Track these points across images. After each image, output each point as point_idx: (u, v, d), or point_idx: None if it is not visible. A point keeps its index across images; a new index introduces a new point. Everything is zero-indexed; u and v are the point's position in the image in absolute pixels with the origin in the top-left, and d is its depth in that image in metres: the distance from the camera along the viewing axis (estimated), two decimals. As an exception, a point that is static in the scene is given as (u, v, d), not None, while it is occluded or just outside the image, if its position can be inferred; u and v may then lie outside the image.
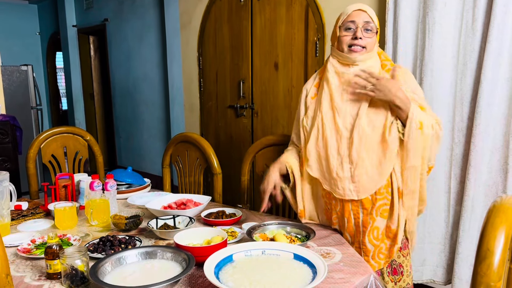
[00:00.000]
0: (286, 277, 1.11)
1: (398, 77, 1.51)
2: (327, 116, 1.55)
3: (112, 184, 1.84)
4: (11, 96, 4.93)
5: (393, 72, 1.53)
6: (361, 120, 1.48)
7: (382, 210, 1.53)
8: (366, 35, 1.51)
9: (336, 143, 1.53)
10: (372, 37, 1.52)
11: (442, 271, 2.42)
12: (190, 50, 4.18)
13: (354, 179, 1.51)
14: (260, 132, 3.61)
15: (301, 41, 3.18)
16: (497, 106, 2.10)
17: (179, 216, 1.61)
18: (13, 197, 1.78)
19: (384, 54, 1.61)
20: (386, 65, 1.57)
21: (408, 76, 1.56)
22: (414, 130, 1.44)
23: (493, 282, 0.69)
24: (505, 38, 2.04)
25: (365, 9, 1.51)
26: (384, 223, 1.54)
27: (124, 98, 5.53)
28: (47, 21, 6.93)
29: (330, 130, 1.54)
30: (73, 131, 2.53)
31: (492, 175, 2.17)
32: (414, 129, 1.44)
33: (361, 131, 1.48)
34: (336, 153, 1.53)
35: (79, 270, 1.17)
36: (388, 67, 1.57)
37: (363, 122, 1.48)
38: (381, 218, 1.54)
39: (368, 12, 1.51)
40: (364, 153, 1.48)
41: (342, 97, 1.53)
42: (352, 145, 1.49)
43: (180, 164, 2.39)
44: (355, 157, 1.49)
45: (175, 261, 1.22)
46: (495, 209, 0.75)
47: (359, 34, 1.50)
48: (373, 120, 1.48)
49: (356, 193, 1.52)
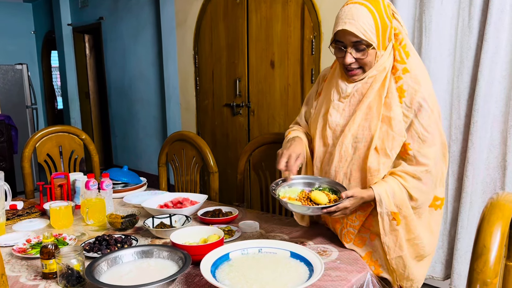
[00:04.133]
0: (283, 275, 1.11)
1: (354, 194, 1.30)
2: (319, 126, 1.45)
3: (108, 183, 1.83)
4: (6, 95, 4.91)
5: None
6: (346, 139, 1.35)
7: (349, 237, 1.41)
8: (359, 55, 1.29)
9: (322, 154, 1.44)
10: (366, 56, 1.29)
11: (441, 267, 2.44)
12: (186, 49, 4.17)
13: None
14: (256, 130, 3.61)
15: (297, 39, 3.18)
16: (494, 103, 2.12)
17: (176, 215, 1.60)
18: (8, 196, 1.77)
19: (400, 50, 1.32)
20: (397, 69, 1.32)
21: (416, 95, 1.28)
22: (387, 224, 1.31)
23: (490, 279, 0.69)
24: (502, 36, 2.05)
25: (351, 29, 1.25)
26: (363, 251, 1.42)
27: (119, 97, 5.51)
28: (42, 20, 6.89)
29: (319, 139, 1.45)
30: (69, 130, 2.52)
31: (490, 172, 2.19)
32: (387, 223, 1.31)
33: (344, 150, 1.35)
34: (320, 164, 1.45)
35: (74, 270, 1.16)
36: (398, 74, 1.31)
37: (347, 141, 1.35)
38: (351, 244, 1.42)
39: (355, 30, 1.25)
40: (341, 173, 1.37)
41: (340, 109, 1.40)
42: (332, 162, 1.38)
43: (176, 163, 2.38)
44: (333, 174, 1.39)
45: (171, 260, 1.22)
46: (491, 206, 0.75)
47: (348, 60, 1.30)
48: (359, 139, 1.33)
49: None
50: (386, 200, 1.29)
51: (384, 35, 1.29)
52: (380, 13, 1.26)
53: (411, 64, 1.31)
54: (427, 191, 1.34)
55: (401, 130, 1.29)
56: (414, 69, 1.31)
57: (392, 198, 1.29)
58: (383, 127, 1.30)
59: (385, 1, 1.30)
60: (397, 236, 1.33)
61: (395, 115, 1.29)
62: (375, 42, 1.27)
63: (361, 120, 1.34)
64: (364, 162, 1.33)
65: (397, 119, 1.29)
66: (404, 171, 1.31)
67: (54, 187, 1.95)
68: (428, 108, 1.29)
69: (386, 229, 1.32)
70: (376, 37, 1.27)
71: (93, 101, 6.36)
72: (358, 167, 1.35)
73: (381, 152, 1.31)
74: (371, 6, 1.26)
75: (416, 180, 1.31)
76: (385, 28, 1.29)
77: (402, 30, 1.34)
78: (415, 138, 1.30)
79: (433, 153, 1.31)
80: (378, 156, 1.31)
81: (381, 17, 1.27)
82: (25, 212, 1.84)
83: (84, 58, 6.23)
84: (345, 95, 1.38)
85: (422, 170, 1.30)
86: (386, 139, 1.30)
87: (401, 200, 1.31)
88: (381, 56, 1.31)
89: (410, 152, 1.30)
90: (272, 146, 2.01)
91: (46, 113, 7.32)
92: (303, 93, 3.21)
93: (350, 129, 1.35)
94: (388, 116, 1.30)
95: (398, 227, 1.32)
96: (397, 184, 1.30)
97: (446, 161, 1.37)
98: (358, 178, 1.36)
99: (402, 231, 1.34)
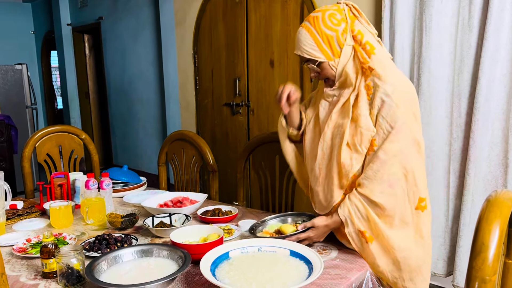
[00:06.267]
0: (282, 274, 1.11)
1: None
2: (310, 126, 1.50)
3: (107, 182, 1.83)
4: (6, 95, 4.91)
5: None
6: (326, 136, 1.40)
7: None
8: (316, 69, 1.39)
9: (311, 152, 1.48)
10: (322, 70, 1.37)
11: (443, 263, 2.45)
12: (186, 48, 4.17)
13: (316, 194, 1.46)
14: (256, 129, 3.61)
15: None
16: (495, 101, 2.12)
17: (175, 214, 1.61)
18: (8, 196, 1.77)
19: (361, 52, 1.32)
20: (365, 68, 1.33)
21: (379, 91, 1.29)
22: (358, 243, 1.32)
23: (488, 276, 0.69)
24: (502, 34, 2.05)
25: (298, 53, 1.38)
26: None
27: (119, 97, 5.51)
28: (41, 20, 6.89)
29: (309, 140, 1.49)
30: (68, 130, 2.52)
31: (492, 170, 2.20)
32: (357, 242, 1.32)
33: (325, 146, 1.40)
34: (309, 163, 1.49)
35: (74, 269, 1.16)
36: (366, 73, 1.33)
37: (327, 137, 1.40)
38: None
39: (301, 53, 1.37)
40: (324, 169, 1.41)
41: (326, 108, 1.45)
42: (316, 159, 1.43)
43: (176, 162, 2.39)
44: (317, 172, 1.43)
45: (171, 259, 1.22)
46: (489, 203, 0.75)
47: (311, 75, 1.42)
48: (334, 136, 1.38)
49: (318, 209, 1.48)
50: (352, 219, 1.31)
51: (331, 45, 1.33)
52: (318, 28, 1.33)
53: (373, 62, 1.32)
54: (395, 194, 1.29)
55: (368, 125, 1.31)
56: (377, 67, 1.32)
57: (357, 215, 1.31)
58: (352, 123, 1.34)
59: (326, 13, 1.34)
60: (373, 255, 1.32)
61: (361, 111, 1.32)
62: (321, 57, 1.35)
63: (336, 118, 1.39)
64: (335, 158, 1.37)
65: (363, 115, 1.32)
66: (362, 177, 1.32)
67: (54, 187, 1.95)
68: (393, 103, 1.28)
69: (359, 248, 1.33)
70: (320, 52, 1.34)
71: (92, 101, 6.36)
72: (331, 164, 1.39)
73: (352, 148, 1.34)
74: (309, 25, 1.35)
75: (377, 181, 1.28)
76: (327, 39, 1.33)
77: (363, 29, 1.35)
78: (380, 134, 1.30)
79: (396, 149, 1.28)
80: (350, 151, 1.34)
81: (319, 32, 1.33)
82: (25, 212, 1.84)
83: (84, 58, 6.23)
84: (327, 94, 1.44)
85: (379, 166, 1.28)
86: (355, 134, 1.33)
87: (365, 215, 1.30)
88: (338, 62, 1.35)
89: (375, 148, 1.31)
90: (271, 145, 2.01)
91: (46, 113, 7.32)
92: (302, 92, 3.21)
93: (329, 127, 1.40)
94: (356, 113, 1.34)
95: (371, 246, 1.31)
96: (358, 200, 1.31)
97: (421, 158, 1.33)
98: (337, 173, 1.37)
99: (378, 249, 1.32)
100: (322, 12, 1.34)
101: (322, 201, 1.44)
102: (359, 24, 1.35)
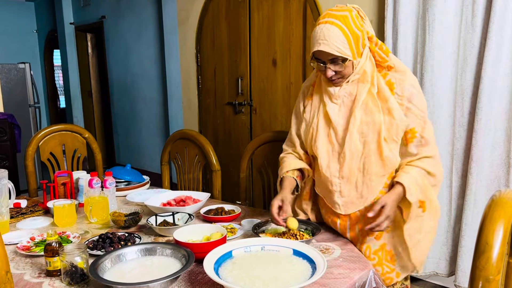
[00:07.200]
0: (286, 273, 1.12)
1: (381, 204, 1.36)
2: (320, 130, 1.49)
3: (111, 181, 1.84)
4: (9, 94, 4.92)
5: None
6: (353, 136, 1.41)
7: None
8: (338, 68, 1.37)
9: (327, 156, 1.47)
10: (344, 68, 1.37)
11: (445, 263, 2.45)
12: (188, 47, 4.17)
13: (343, 194, 1.47)
14: (258, 128, 3.61)
15: (299, 38, 3.18)
16: (498, 101, 2.12)
17: (178, 213, 1.61)
18: (12, 195, 1.78)
19: (379, 52, 1.41)
20: (382, 67, 1.43)
21: (405, 83, 1.39)
22: (414, 212, 1.40)
23: (492, 276, 0.69)
24: (505, 33, 2.05)
25: (325, 50, 1.33)
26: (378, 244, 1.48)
27: (122, 96, 5.52)
28: (44, 19, 6.90)
29: (322, 144, 1.48)
30: (71, 128, 2.53)
31: (494, 169, 2.20)
32: (414, 211, 1.40)
33: (353, 147, 1.41)
34: (327, 162, 1.48)
35: (78, 267, 1.17)
36: (384, 71, 1.43)
37: (355, 138, 1.41)
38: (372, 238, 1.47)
39: (329, 50, 1.33)
40: (355, 169, 1.43)
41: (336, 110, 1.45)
42: (344, 160, 1.43)
43: (179, 161, 2.39)
44: (346, 172, 1.44)
45: (174, 258, 1.22)
46: (493, 203, 0.75)
47: (329, 74, 1.38)
48: (365, 134, 1.40)
49: (344, 208, 1.48)
50: (413, 189, 1.37)
51: (358, 45, 1.36)
52: (349, 27, 1.34)
53: (392, 60, 1.43)
54: (439, 165, 1.46)
55: (401, 117, 1.39)
56: (396, 64, 1.43)
57: (417, 186, 1.38)
58: (385, 118, 1.39)
59: (352, 12, 1.36)
60: (421, 222, 1.43)
61: (392, 105, 1.38)
62: (350, 55, 1.35)
63: (362, 116, 1.41)
64: (376, 154, 1.40)
65: (395, 108, 1.38)
66: (418, 157, 1.43)
67: (57, 186, 1.96)
68: (418, 92, 1.41)
69: (412, 217, 1.40)
70: (350, 51, 1.35)
71: (95, 100, 6.37)
72: (370, 160, 1.41)
73: (389, 141, 1.40)
74: (340, 24, 1.33)
75: (429, 158, 1.43)
76: (357, 39, 1.36)
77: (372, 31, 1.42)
78: (417, 121, 1.40)
79: (432, 130, 1.45)
80: (387, 144, 1.40)
81: (351, 31, 1.34)
82: (29, 210, 1.85)
83: (87, 56, 6.24)
84: (336, 95, 1.45)
85: (430, 148, 1.42)
86: (390, 128, 1.39)
87: (424, 186, 1.40)
88: (359, 62, 1.39)
89: (417, 134, 1.41)
90: (274, 144, 2.01)
91: (48, 111, 7.34)
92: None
93: (354, 126, 1.41)
94: (388, 107, 1.39)
95: (424, 214, 1.42)
96: (416, 171, 1.41)
97: None
98: (372, 170, 1.42)
99: (427, 216, 1.44)
100: (349, 11, 1.36)
101: (354, 199, 1.46)
102: (369, 27, 1.41)
